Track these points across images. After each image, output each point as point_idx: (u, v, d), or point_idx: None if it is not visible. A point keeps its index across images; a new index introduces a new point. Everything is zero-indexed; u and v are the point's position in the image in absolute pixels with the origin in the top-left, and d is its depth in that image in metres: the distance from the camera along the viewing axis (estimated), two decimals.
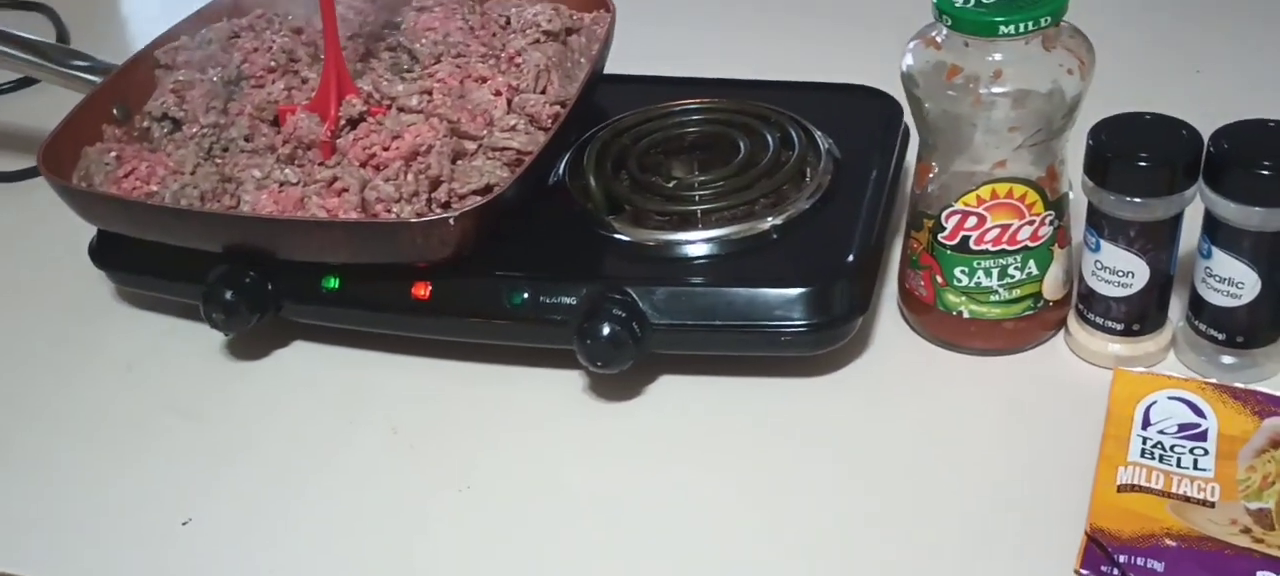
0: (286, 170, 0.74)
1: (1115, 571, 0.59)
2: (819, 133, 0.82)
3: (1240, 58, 1.01)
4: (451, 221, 0.68)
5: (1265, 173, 0.63)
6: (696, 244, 0.75)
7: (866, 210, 0.76)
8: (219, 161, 0.77)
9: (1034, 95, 0.66)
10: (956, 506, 0.65)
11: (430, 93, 0.77)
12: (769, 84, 0.89)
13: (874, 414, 0.72)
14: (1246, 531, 0.59)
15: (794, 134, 0.81)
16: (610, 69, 0.89)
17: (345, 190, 0.71)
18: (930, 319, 0.75)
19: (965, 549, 0.63)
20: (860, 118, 0.84)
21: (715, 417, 0.72)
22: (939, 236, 0.71)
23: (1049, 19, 0.64)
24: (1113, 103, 0.69)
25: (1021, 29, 0.63)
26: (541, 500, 0.68)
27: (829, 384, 0.74)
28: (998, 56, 0.65)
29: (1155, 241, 0.67)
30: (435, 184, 0.72)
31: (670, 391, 0.74)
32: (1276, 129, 0.65)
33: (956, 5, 0.65)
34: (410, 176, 0.72)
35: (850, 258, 0.72)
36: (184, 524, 0.68)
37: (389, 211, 0.71)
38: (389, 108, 0.77)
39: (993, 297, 0.71)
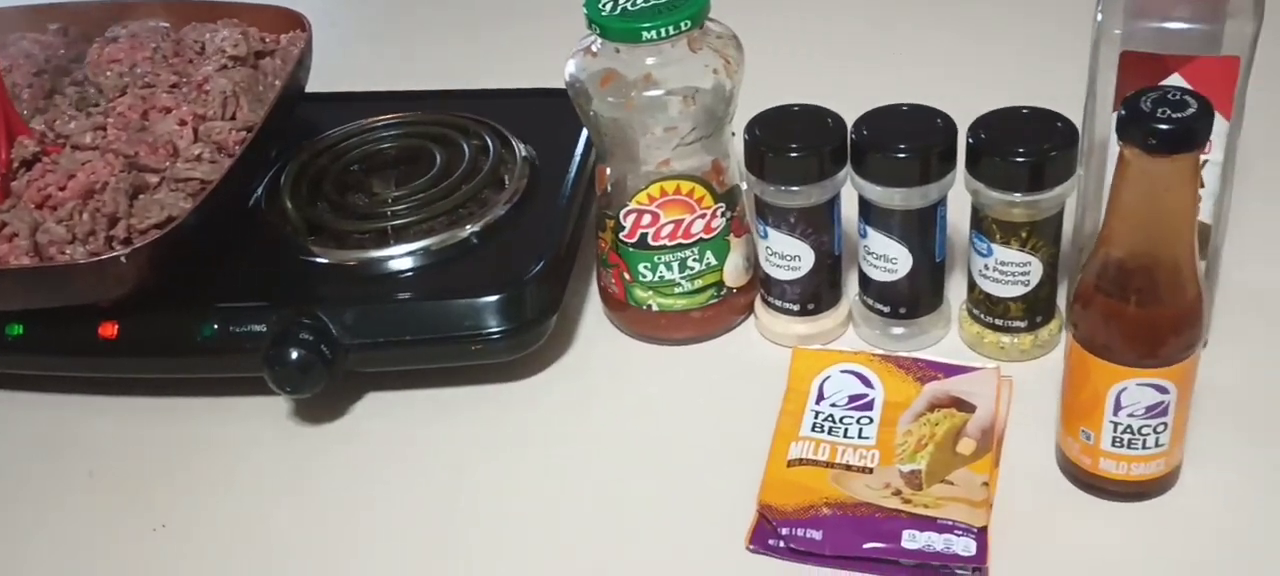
0: None
1: (780, 543, 0.62)
2: (516, 139, 0.83)
3: (881, 47, 1.06)
4: (123, 259, 0.67)
5: (902, 155, 0.67)
6: (397, 259, 0.76)
7: (560, 214, 0.78)
8: None
9: (689, 95, 0.68)
10: (648, 493, 0.67)
11: (104, 128, 0.76)
12: (470, 93, 0.90)
13: (576, 411, 0.73)
14: (897, 493, 0.63)
15: (490, 142, 0.83)
16: (322, 88, 0.89)
17: (15, 236, 0.69)
18: (625, 315, 0.77)
19: (651, 534, 0.65)
20: (558, 122, 0.85)
21: (422, 430, 0.73)
22: (620, 235, 0.73)
23: (690, 22, 0.66)
24: (772, 96, 0.73)
25: (664, 33, 0.66)
26: (241, 531, 0.68)
27: (534, 386, 0.76)
28: (649, 61, 0.68)
29: (815, 225, 0.71)
30: (113, 221, 0.71)
31: (376, 408, 0.75)
32: (910, 113, 0.69)
33: (604, 14, 0.67)
34: (85, 216, 0.71)
35: (538, 262, 0.74)
36: None
37: (63, 254, 0.70)
38: (63, 146, 0.76)
39: (677, 290, 0.74)
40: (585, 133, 0.84)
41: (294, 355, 0.69)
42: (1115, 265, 0.56)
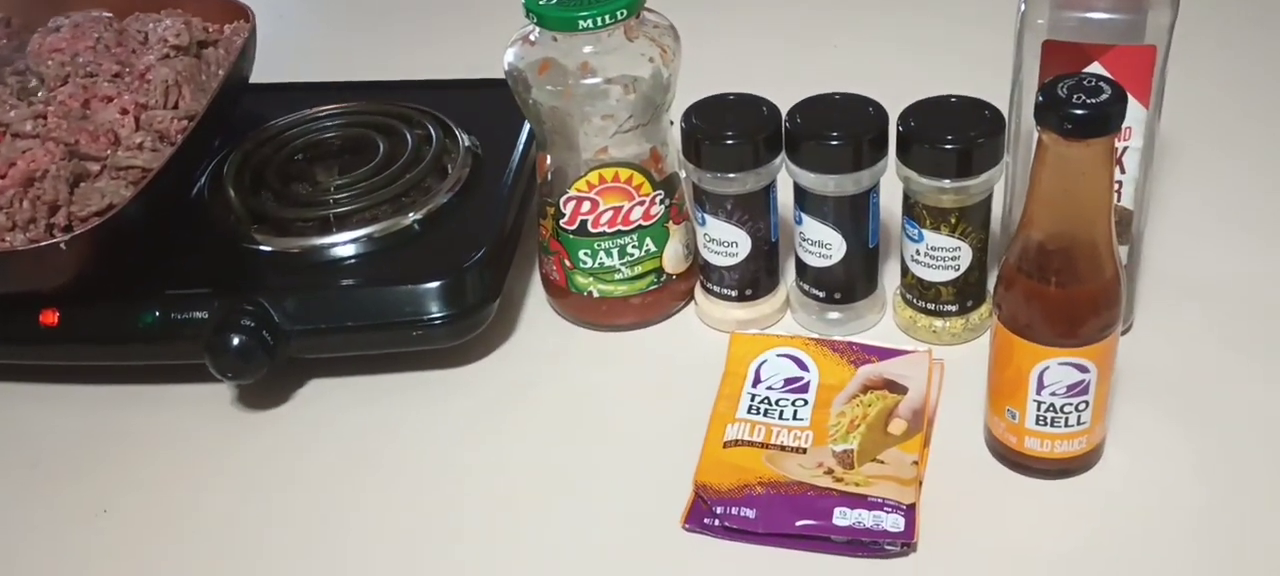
0: None
1: (715, 522, 0.64)
2: (459, 128, 0.84)
3: (813, 37, 1.08)
4: (63, 246, 0.68)
5: (834, 143, 0.68)
6: (340, 246, 0.76)
7: (502, 202, 0.79)
8: None
9: (626, 83, 0.69)
10: (587, 476, 0.68)
11: (45, 116, 0.76)
12: (414, 84, 0.91)
13: (517, 396, 0.74)
14: (829, 472, 0.65)
15: (433, 131, 0.83)
16: (266, 79, 0.89)
17: None
18: (567, 301, 0.78)
19: (590, 514, 0.66)
20: (501, 112, 0.86)
21: (364, 416, 0.74)
22: (561, 222, 0.74)
23: (625, 11, 0.68)
24: (709, 85, 0.74)
25: (601, 23, 0.67)
26: (183, 517, 0.68)
27: (476, 371, 0.76)
28: (586, 49, 0.69)
29: (751, 212, 0.72)
30: (53, 209, 0.71)
31: (319, 394, 0.75)
32: (842, 102, 0.71)
33: (541, 3, 0.68)
34: (25, 203, 0.71)
35: (479, 249, 0.74)
36: None
37: (2, 241, 0.70)
38: (3, 134, 0.76)
39: (617, 276, 0.75)
40: (528, 122, 0.85)
41: (235, 342, 0.69)
42: (1036, 247, 0.58)
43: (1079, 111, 0.53)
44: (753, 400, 0.70)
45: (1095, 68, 0.62)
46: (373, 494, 0.68)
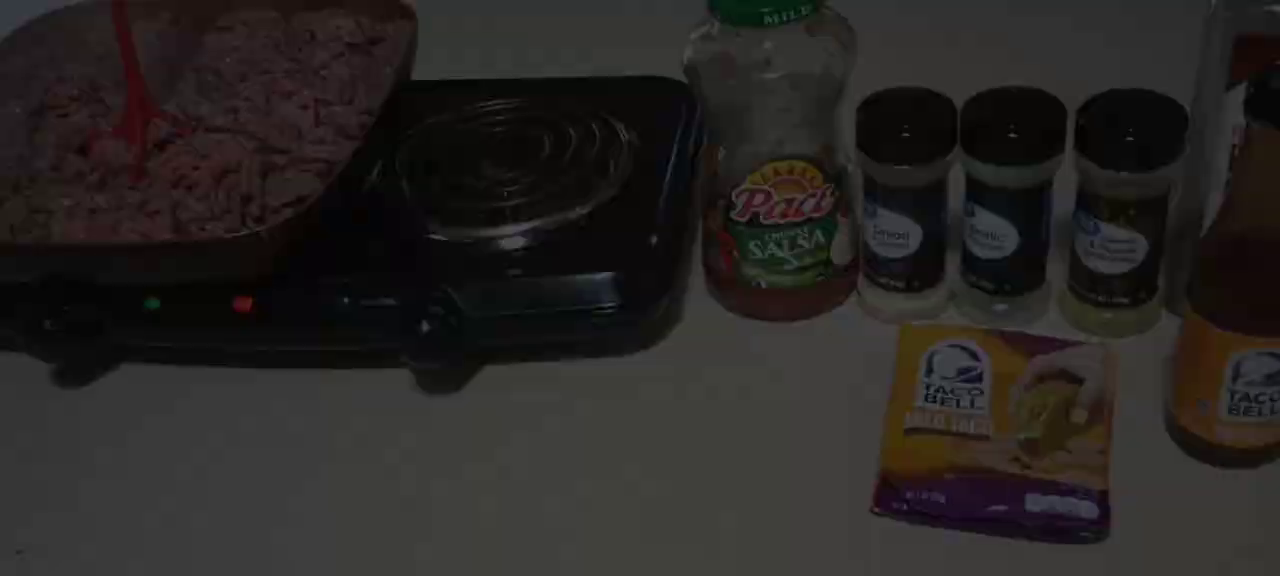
0: (97, 197, 0.75)
1: (904, 506, 0.65)
2: (620, 124, 0.86)
3: (981, 32, 1.09)
4: (264, 235, 0.70)
5: (1013, 136, 0.69)
6: (510, 238, 0.78)
7: (667, 195, 0.81)
8: (27, 193, 0.77)
9: (803, 78, 0.71)
10: (765, 461, 0.70)
11: (236, 110, 0.79)
12: (571, 81, 0.93)
13: (687, 383, 0.76)
14: (1016, 459, 0.66)
15: (595, 127, 0.85)
16: (422, 75, 0.92)
17: (157, 212, 0.73)
18: (732, 292, 0.80)
19: (774, 500, 0.67)
20: (659, 108, 0.88)
21: (539, 399, 0.75)
22: (731, 214, 0.76)
23: (809, 7, 0.69)
24: (881, 79, 0.75)
25: (785, 18, 0.68)
26: (377, 496, 0.70)
27: (645, 359, 0.78)
28: (767, 45, 0.70)
29: (924, 204, 0.73)
30: (247, 199, 0.74)
31: (494, 379, 0.77)
32: (1020, 95, 0.71)
33: None
34: (221, 194, 0.74)
35: (652, 240, 0.76)
36: (18, 553, 0.68)
37: (203, 230, 0.72)
38: (196, 128, 0.79)
39: (786, 267, 0.77)
40: (684, 118, 0.87)
41: (427, 328, 0.72)
42: (1238, 238, 0.58)
43: None
44: (928, 389, 0.71)
45: None
46: (552, 475, 0.70)
